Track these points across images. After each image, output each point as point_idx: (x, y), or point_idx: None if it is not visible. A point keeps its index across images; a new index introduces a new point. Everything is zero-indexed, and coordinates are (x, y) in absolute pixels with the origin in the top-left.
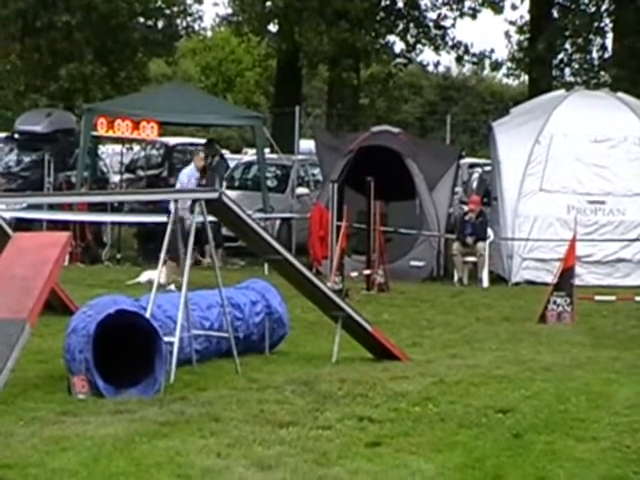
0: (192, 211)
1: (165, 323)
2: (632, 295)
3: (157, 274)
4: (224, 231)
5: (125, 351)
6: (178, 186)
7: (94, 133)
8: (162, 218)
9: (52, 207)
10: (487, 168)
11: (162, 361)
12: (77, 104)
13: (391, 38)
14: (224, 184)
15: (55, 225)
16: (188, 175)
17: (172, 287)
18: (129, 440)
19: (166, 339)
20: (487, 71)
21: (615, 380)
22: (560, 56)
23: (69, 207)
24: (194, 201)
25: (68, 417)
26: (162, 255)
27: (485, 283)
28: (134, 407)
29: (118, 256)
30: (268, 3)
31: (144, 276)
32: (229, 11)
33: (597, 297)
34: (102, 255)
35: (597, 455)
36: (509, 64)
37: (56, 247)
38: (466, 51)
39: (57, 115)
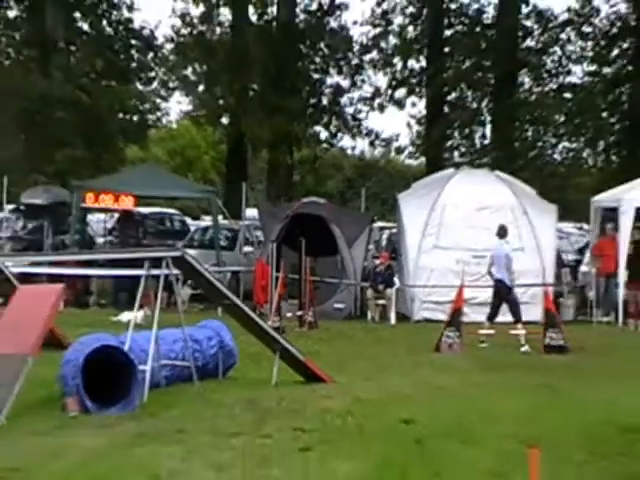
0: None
1: (139, 355)
2: (507, 329)
3: (133, 316)
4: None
5: (108, 377)
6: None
7: (83, 205)
8: (138, 271)
9: (51, 263)
10: (394, 230)
11: (137, 385)
12: (69, 181)
13: (317, 128)
14: None
15: (52, 278)
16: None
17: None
18: (111, 448)
19: (140, 368)
20: (393, 154)
21: (496, 396)
22: (450, 142)
23: (64, 263)
24: (161, 259)
25: (62, 431)
26: (137, 300)
27: (393, 321)
28: (115, 422)
29: (102, 302)
30: (220, 101)
31: (124, 316)
32: (190, 107)
33: (480, 331)
34: (89, 301)
35: (482, 456)
36: (410, 148)
37: (53, 296)
38: (377, 137)
39: (54, 190)
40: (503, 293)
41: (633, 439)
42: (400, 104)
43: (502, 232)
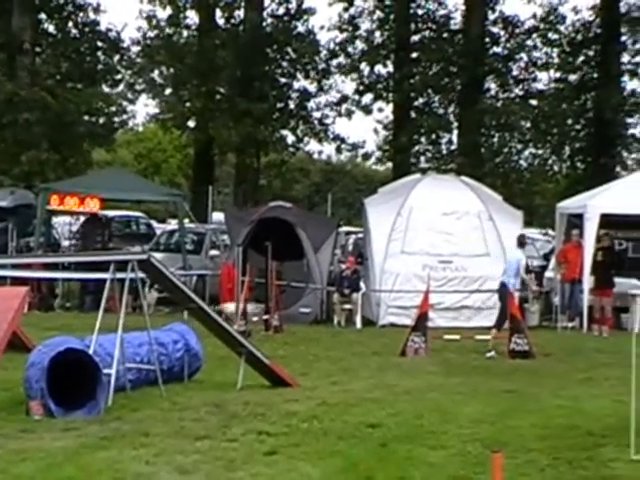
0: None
1: (104, 358)
2: (473, 335)
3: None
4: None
5: (72, 380)
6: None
7: (48, 207)
8: (103, 275)
9: (15, 266)
10: (360, 235)
11: (102, 388)
12: (35, 184)
13: (284, 132)
14: None
15: (17, 280)
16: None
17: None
18: (76, 451)
19: (105, 371)
20: (360, 159)
21: (460, 400)
22: (417, 147)
23: (28, 266)
24: (127, 262)
25: (27, 434)
26: (102, 303)
27: (358, 325)
28: (80, 425)
29: (67, 305)
30: (188, 104)
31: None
32: (157, 110)
33: (446, 336)
34: (54, 304)
35: (446, 460)
36: (377, 154)
37: (17, 298)
38: (343, 142)
39: (19, 193)
40: (502, 296)
41: (597, 444)
42: (367, 109)
43: (522, 241)
